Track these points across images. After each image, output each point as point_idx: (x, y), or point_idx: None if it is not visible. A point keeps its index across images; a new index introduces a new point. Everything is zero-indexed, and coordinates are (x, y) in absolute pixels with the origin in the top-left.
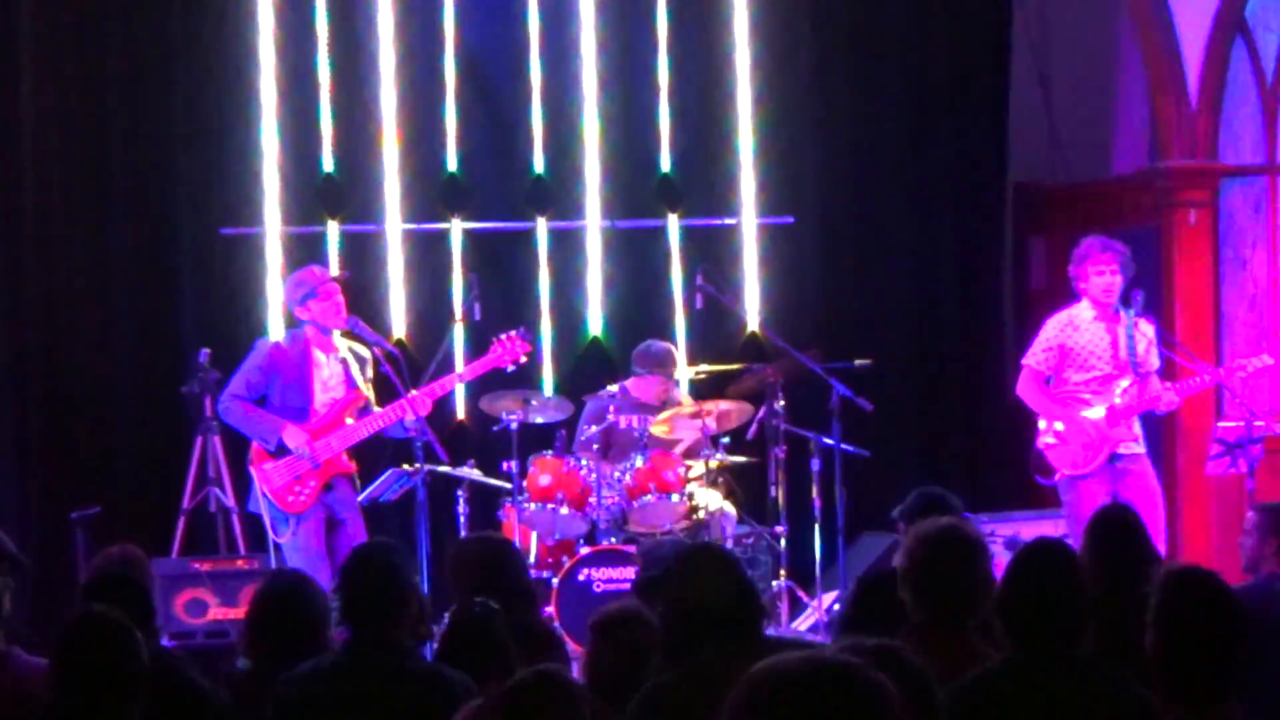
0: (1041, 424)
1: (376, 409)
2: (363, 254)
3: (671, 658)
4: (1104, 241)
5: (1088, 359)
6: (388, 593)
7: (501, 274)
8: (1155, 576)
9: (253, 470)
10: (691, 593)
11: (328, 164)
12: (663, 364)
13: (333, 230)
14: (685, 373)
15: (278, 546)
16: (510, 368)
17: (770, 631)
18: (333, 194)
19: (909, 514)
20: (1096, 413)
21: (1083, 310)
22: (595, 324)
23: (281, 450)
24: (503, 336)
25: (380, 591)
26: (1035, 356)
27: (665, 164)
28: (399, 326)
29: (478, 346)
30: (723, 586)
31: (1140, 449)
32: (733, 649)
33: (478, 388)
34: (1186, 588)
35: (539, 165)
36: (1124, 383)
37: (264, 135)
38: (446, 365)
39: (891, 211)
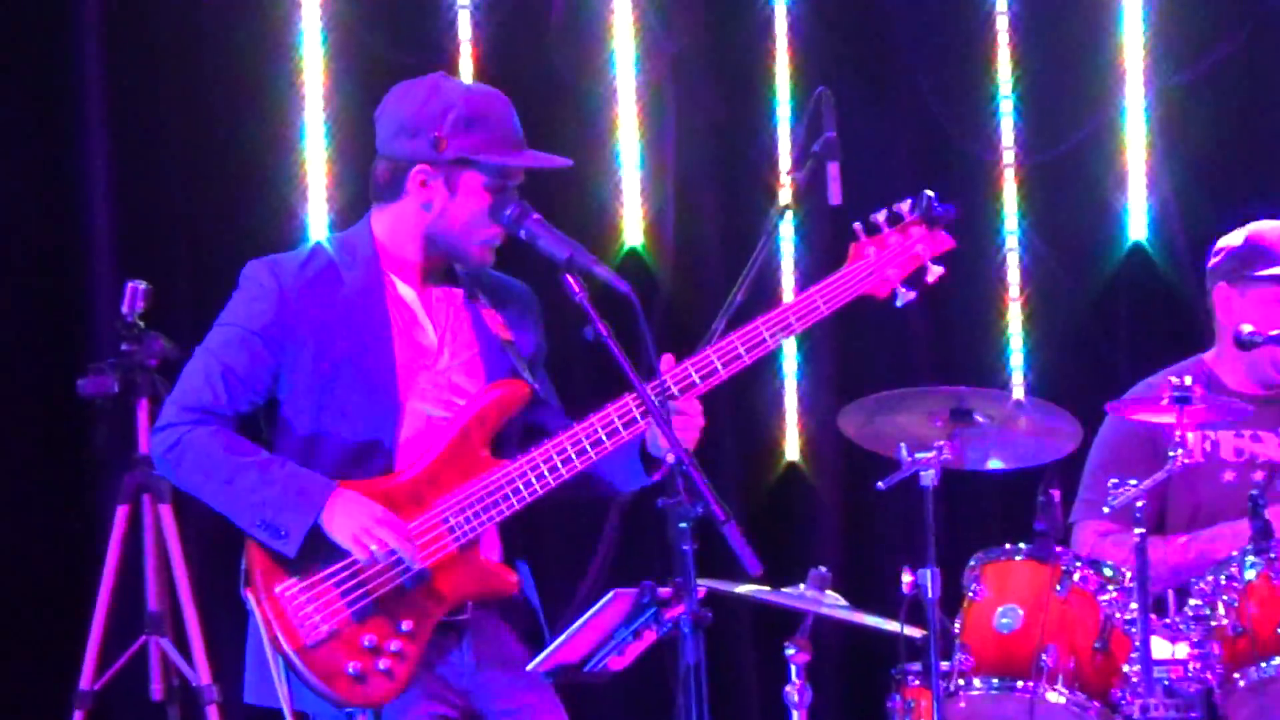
0: None
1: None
2: (537, 66)
3: None
4: None
5: None
6: None
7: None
8: None
9: (249, 599)
10: None
11: None
12: None
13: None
14: None
15: None
16: (900, 297)
17: None
18: None
19: None
20: None
21: None
22: (1138, 226)
23: (315, 550)
24: (881, 220)
25: None
26: None
27: None
28: (632, 228)
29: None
30: None
31: None
32: None
33: (832, 380)
34: None
35: None
36: None
37: None
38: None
39: None
